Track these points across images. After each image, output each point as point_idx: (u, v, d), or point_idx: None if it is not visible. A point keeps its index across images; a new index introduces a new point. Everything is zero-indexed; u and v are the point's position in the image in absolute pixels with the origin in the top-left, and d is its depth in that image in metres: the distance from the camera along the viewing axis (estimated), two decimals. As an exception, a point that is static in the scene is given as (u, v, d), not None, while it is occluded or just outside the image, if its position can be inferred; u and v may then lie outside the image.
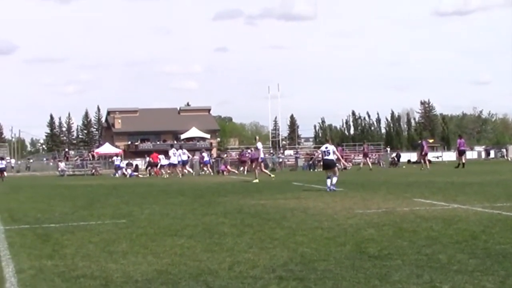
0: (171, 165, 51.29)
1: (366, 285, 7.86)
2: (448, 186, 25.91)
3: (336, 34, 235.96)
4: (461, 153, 49.44)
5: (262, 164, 38.53)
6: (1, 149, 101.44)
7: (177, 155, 50.54)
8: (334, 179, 23.97)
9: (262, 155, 37.82)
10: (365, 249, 10.42)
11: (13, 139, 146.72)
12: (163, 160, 53.55)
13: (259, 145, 37.54)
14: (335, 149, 25.56)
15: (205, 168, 56.21)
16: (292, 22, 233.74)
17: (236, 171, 56.20)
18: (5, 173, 56.79)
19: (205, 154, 58.66)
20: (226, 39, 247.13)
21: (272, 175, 35.76)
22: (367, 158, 60.12)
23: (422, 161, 51.39)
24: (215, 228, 13.75)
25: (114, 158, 69.02)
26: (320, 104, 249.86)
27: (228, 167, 57.98)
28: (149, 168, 58.39)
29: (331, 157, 24.39)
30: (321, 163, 24.27)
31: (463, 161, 48.79)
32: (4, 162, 60.02)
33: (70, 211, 18.96)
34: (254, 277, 8.44)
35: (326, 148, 24.53)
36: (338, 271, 8.67)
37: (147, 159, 61.07)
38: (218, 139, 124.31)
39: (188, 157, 53.44)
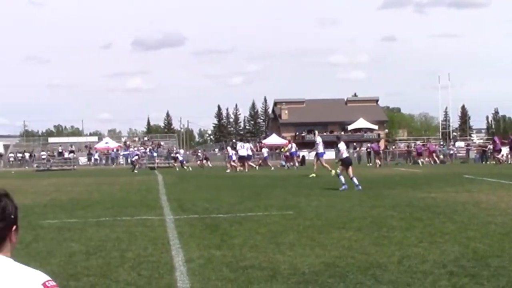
0: (240, 158, 50.40)
1: (544, 284, 7.47)
2: None
3: (510, 21, 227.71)
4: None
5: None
6: (171, 139, 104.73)
7: (245, 148, 50.07)
8: None
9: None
10: (542, 246, 9.94)
11: (182, 130, 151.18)
12: (230, 152, 52.17)
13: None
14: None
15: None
16: (464, 9, 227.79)
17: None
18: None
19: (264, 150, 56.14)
20: (394, 28, 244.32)
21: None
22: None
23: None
24: (383, 221, 13.56)
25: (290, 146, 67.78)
26: (493, 94, 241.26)
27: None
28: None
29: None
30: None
31: None
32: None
33: (237, 201, 19.21)
34: (423, 272, 8.23)
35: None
36: (513, 269, 8.31)
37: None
38: (386, 130, 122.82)
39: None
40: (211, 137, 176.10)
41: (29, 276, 2.80)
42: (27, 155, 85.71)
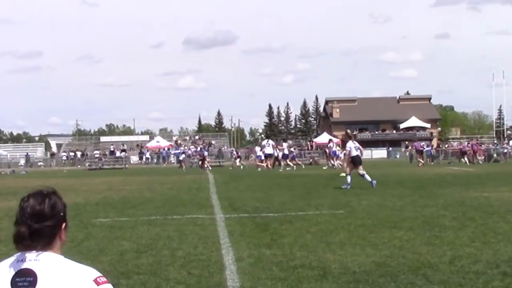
0: (267, 156, 49.26)
1: None
2: None
3: None
4: None
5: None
6: (221, 138, 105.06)
7: (271, 146, 49.31)
8: None
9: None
10: None
11: (233, 129, 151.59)
12: (258, 152, 50.96)
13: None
14: None
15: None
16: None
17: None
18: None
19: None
20: (447, 26, 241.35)
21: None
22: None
23: None
24: (435, 220, 13.43)
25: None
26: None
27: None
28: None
29: None
30: None
31: None
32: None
33: (288, 200, 19.18)
34: (476, 272, 8.12)
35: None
36: None
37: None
38: (439, 128, 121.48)
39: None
40: (262, 136, 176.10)
41: (81, 272, 2.83)
42: (79, 154, 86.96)
